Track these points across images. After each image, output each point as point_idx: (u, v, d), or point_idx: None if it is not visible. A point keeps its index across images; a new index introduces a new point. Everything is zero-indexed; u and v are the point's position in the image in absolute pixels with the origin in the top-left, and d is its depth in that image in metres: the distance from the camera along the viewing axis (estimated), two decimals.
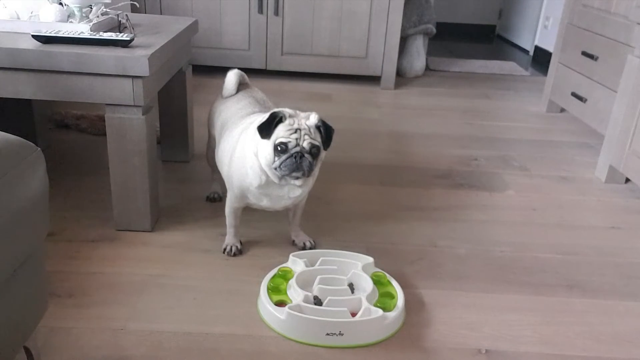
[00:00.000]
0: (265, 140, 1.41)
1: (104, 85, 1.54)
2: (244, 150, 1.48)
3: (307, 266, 1.48)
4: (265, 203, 1.53)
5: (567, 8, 3.00)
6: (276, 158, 1.40)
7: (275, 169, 1.41)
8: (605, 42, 2.57)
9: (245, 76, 1.80)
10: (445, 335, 1.36)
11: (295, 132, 1.40)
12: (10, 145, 0.92)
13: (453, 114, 3.09)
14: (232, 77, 1.75)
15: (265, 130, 1.41)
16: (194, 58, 3.32)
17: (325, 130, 1.44)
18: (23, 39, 1.56)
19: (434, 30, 3.84)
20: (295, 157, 1.39)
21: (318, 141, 1.42)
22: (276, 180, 1.45)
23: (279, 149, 1.39)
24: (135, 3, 2.93)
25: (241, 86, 1.77)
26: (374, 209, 1.97)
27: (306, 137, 1.40)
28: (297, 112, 1.45)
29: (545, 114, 3.17)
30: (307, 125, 1.41)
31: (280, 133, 1.40)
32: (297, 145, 1.40)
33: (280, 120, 1.41)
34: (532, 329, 1.40)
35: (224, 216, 1.62)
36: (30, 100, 2.13)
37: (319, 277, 1.42)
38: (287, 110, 1.43)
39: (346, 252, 1.56)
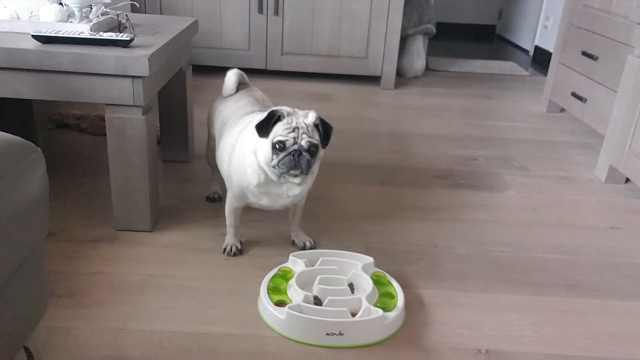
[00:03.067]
0: (263, 139, 1.42)
1: (104, 85, 1.54)
2: (243, 148, 1.48)
3: (307, 266, 1.48)
4: (264, 202, 1.53)
5: (567, 8, 3.00)
6: (274, 156, 1.40)
7: (274, 166, 1.42)
8: (605, 42, 2.57)
9: (245, 76, 1.80)
10: (445, 335, 1.36)
11: (294, 130, 1.40)
12: (10, 145, 0.92)
13: (453, 114, 3.09)
14: (231, 77, 1.75)
15: (264, 128, 1.41)
16: (194, 58, 3.32)
17: (323, 128, 1.44)
18: (23, 39, 1.56)
19: (434, 30, 3.84)
20: (293, 155, 1.40)
21: (316, 139, 1.42)
22: (275, 179, 1.45)
23: (277, 147, 1.40)
24: (135, 3, 2.93)
25: (241, 86, 1.77)
26: (374, 209, 1.97)
27: (304, 135, 1.40)
28: (296, 110, 1.45)
29: (545, 114, 3.17)
30: (305, 124, 1.41)
31: (279, 131, 1.40)
32: (295, 143, 1.40)
33: (279, 119, 1.41)
34: (532, 329, 1.40)
35: (224, 216, 1.62)
36: (30, 100, 2.13)
37: (319, 277, 1.42)
38: (285, 109, 1.43)
39: (346, 252, 1.56)
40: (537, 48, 4.76)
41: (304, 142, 1.40)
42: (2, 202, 0.85)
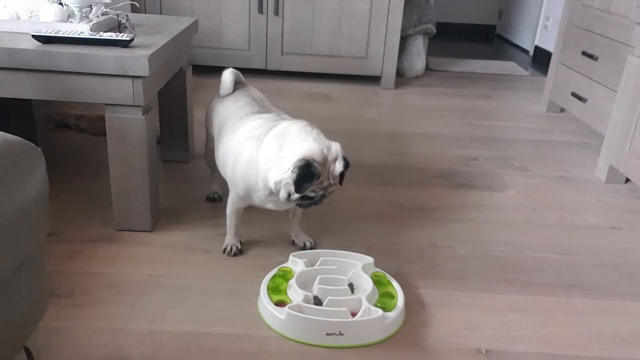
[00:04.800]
0: (286, 169, 1.39)
1: (104, 85, 1.54)
2: (257, 161, 1.46)
3: (307, 266, 1.48)
4: (270, 206, 1.54)
5: (567, 8, 3.00)
6: (297, 194, 1.40)
7: (291, 200, 1.43)
8: (605, 42, 2.57)
9: (241, 75, 1.79)
10: (445, 335, 1.36)
11: (324, 188, 1.42)
12: (10, 145, 0.92)
13: (453, 114, 3.09)
14: (228, 76, 1.75)
15: (303, 187, 1.38)
16: (194, 58, 3.32)
17: (345, 170, 1.45)
18: (23, 39, 1.56)
19: (434, 30, 3.84)
20: (316, 202, 1.45)
21: (337, 183, 1.46)
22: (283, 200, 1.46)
23: (304, 197, 1.42)
24: (135, 3, 2.93)
25: (237, 85, 1.77)
26: (374, 209, 1.97)
27: (330, 187, 1.43)
28: (325, 154, 1.39)
29: (545, 114, 3.17)
30: (333, 178, 1.42)
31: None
32: (322, 192, 1.43)
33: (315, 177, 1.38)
34: (532, 329, 1.40)
35: (224, 216, 1.62)
36: (30, 100, 2.13)
37: (319, 277, 1.42)
38: (317, 158, 1.37)
39: (346, 252, 1.56)
40: (537, 48, 4.76)
41: (328, 193, 1.44)
42: (2, 202, 0.85)
